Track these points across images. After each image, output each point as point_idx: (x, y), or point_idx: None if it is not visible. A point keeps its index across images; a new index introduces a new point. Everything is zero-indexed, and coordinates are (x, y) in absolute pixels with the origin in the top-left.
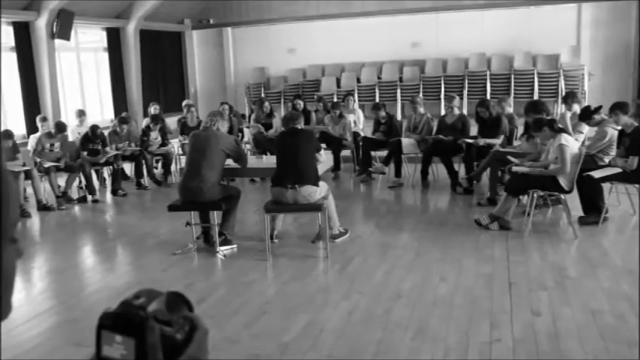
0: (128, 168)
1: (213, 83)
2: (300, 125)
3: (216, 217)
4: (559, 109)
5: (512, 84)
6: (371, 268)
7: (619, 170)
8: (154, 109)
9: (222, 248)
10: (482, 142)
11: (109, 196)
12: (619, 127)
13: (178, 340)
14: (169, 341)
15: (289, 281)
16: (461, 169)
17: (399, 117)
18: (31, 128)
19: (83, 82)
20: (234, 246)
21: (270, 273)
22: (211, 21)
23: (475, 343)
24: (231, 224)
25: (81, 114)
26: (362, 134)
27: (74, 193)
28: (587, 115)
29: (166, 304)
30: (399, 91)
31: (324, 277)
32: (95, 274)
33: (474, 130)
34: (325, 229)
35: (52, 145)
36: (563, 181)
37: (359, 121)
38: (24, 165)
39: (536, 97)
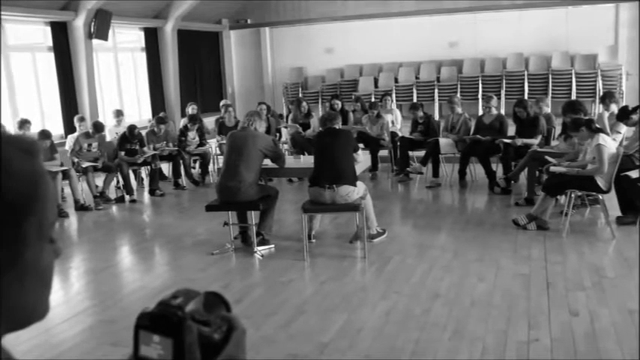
0: (166, 168)
1: (251, 83)
2: (338, 125)
3: (253, 217)
4: (597, 109)
5: (550, 84)
6: (409, 268)
7: None
8: (191, 109)
9: (260, 248)
10: (519, 142)
11: (146, 196)
12: None
13: (216, 340)
14: (207, 341)
15: (327, 281)
16: (498, 169)
17: (436, 117)
18: (69, 128)
19: (121, 82)
20: (272, 246)
21: (307, 273)
22: (249, 21)
23: (513, 342)
24: (268, 224)
25: (119, 114)
26: (399, 134)
27: (112, 193)
28: (624, 114)
29: (204, 304)
30: (436, 91)
31: (362, 277)
32: (132, 274)
33: (511, 130)
34: (363, 229)
35: (89, 145)
36: (600, 181)
37: (397, 121)
38: (62, 165)
39: (573, 97)
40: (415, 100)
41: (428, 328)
